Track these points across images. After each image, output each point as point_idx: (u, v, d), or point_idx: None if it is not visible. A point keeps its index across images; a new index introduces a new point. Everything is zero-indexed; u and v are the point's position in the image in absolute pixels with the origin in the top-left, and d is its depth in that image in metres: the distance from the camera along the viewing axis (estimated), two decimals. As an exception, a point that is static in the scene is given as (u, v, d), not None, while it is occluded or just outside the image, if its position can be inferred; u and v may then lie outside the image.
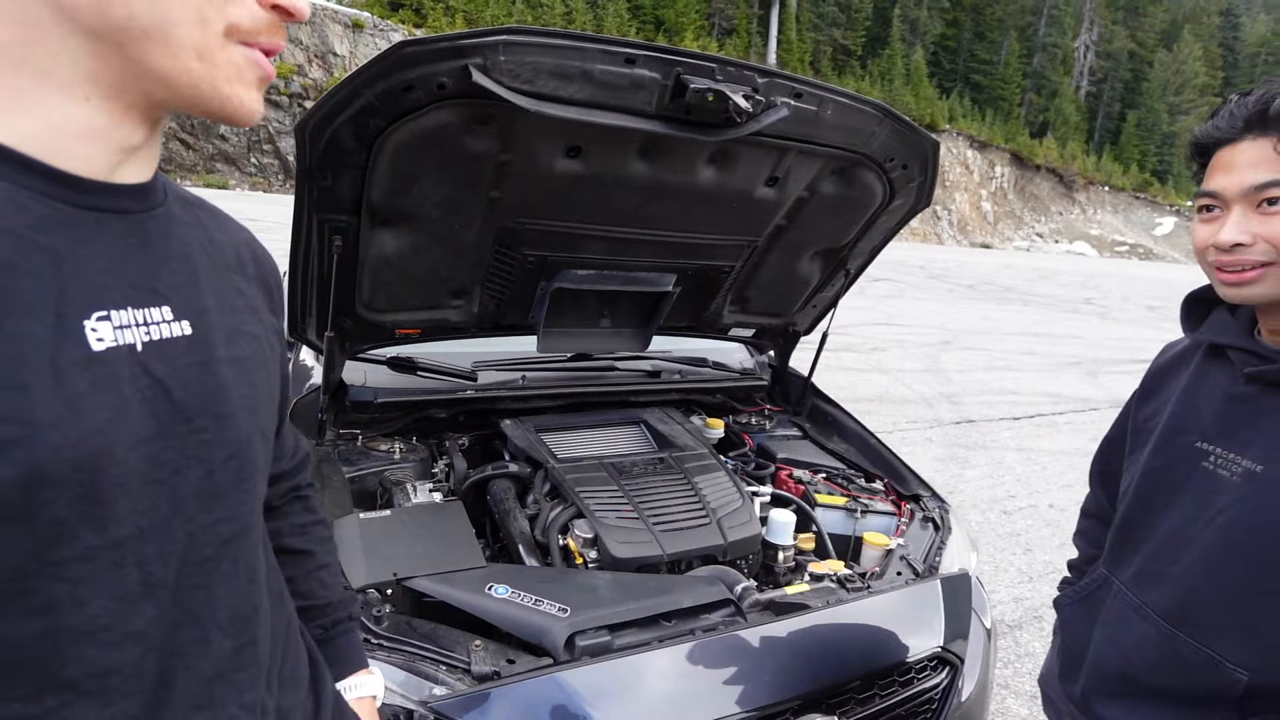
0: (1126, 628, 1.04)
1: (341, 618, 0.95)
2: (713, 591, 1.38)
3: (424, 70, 1.19)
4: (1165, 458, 1.04)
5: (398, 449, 1.77)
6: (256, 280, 0.70)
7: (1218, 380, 1.01)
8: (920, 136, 1.69)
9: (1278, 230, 0.86)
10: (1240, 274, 0.90)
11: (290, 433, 0.92)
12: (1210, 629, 0.94)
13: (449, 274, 1.67)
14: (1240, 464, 0.94)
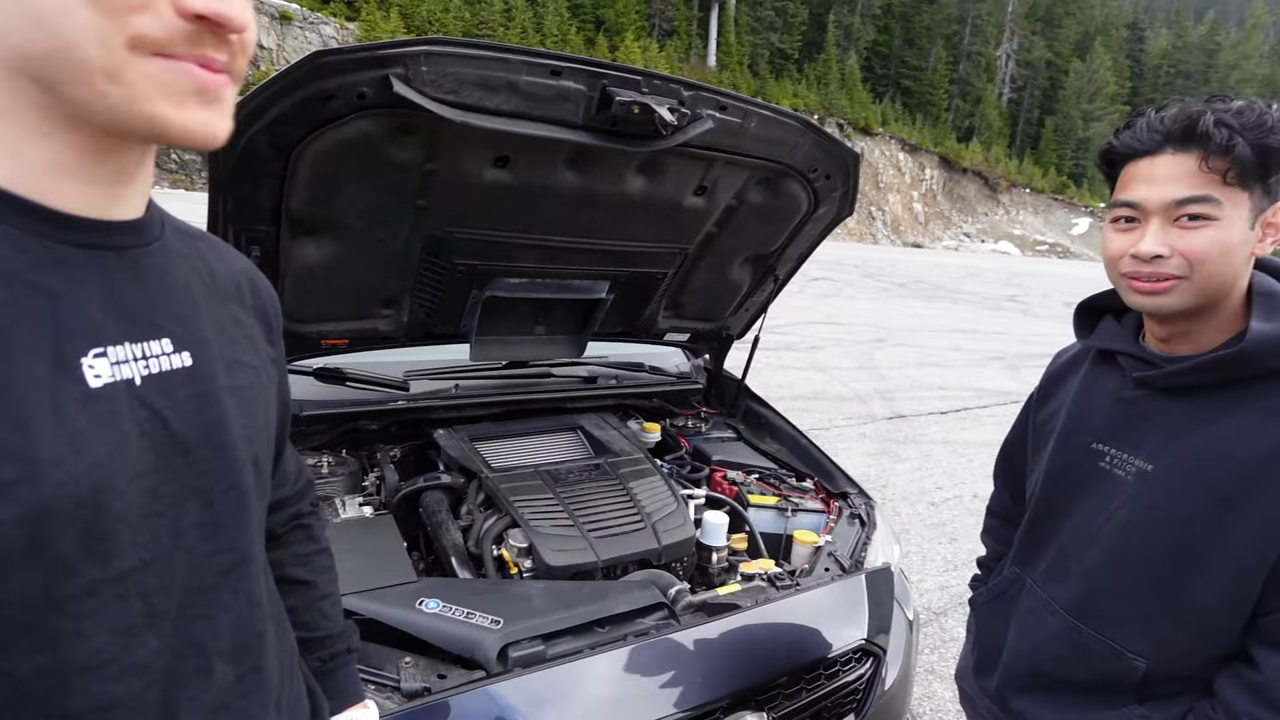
0: (1037, 624, 1.09)
1: (340, 650, 0.93)
2: (646, 596, 1.40)
3: (343, 80, 1.17)
4: (1065, 459, 1.09)
5: (325, 463, 1.73)
6: (254, 310, 0.71)
7: (1108, 384, 1.06)
8: (841, 149, 1.76)
9: (1195, 245, 0.88)
10: (1154, 284, 0.92)
11: (293, 458, 0.90)
12: (1111, 621, 1.00)
13: (377, 283, 1.64)
14: (1133, 464, 0.99)
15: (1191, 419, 0.94)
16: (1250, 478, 0.88)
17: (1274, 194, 0.87)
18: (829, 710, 1.42)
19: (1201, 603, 0.93)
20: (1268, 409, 0.89)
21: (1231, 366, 0.89)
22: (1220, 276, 0.89)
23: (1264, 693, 0.88)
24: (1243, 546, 0.89)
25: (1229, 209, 0.87)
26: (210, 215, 1.31)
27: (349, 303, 1.65)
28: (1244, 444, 0.89)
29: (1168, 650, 0.96)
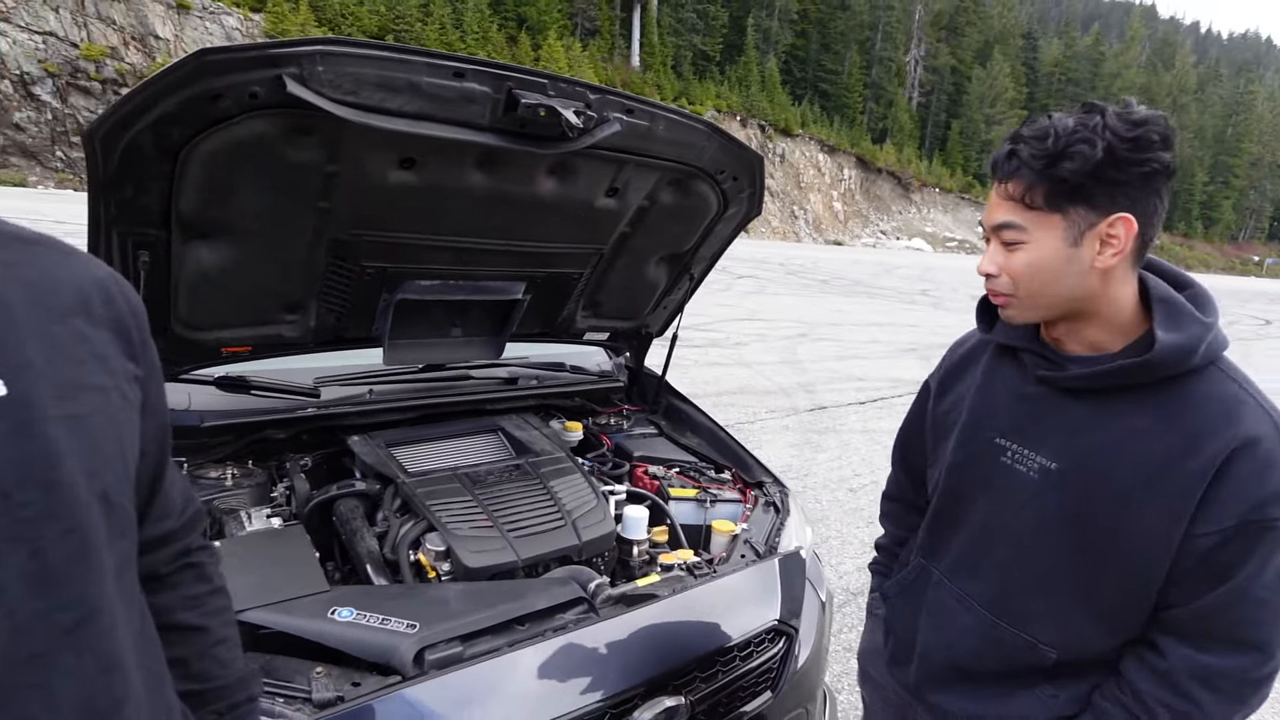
0: (951, 618, 1.14)
1: (240, 700, 0.86)
2: (566, 591, 1.42)
3: (232, 79, 1.13)
4: (967, 452, 1.12)
5: (230, 475, 1.66)
6: (108, 323, 0.64)
7: (1009, 378, 1.09)
8: (746, 152, 1.82)
9: (1011, 266, 0.95)
10: (999, 299, 1.00)
11: (178, 486, 0.82)
12: (1026, 616, 1.05)
13: (280, 288, 1.59)
14: (1036, 460, 1.02)
15: (1093, 419, 0.98)
16: (1149, 479, 0.92)
17: (1106, 208, 0.89)
18: (745, 690, 1.48)
19: (1108, 597, 0.99)
20: (1164, 413, 0.93)
21: (1136, 374, 0.93)
22: (1050, 292, 0.94)
23: (1168, 677, 0.95)
24: (1144, 544, 0.94)
25: (1036, 232, 0.92)
26: (91, 219, 1.24)
27: (250, 309, 1.60)
28: (1143, 446, 0.93)
29: (1076, 641, 1.02)
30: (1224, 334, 0.96)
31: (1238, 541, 0.89)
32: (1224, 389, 0.93)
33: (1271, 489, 0.88)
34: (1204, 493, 0.90)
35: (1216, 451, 0.89)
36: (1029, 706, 1.05)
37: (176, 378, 1.65)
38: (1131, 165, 0.87)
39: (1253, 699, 0.95)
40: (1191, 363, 0.92)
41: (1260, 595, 0.90)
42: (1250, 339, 15.67)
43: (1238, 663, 0.93)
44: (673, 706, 1.31)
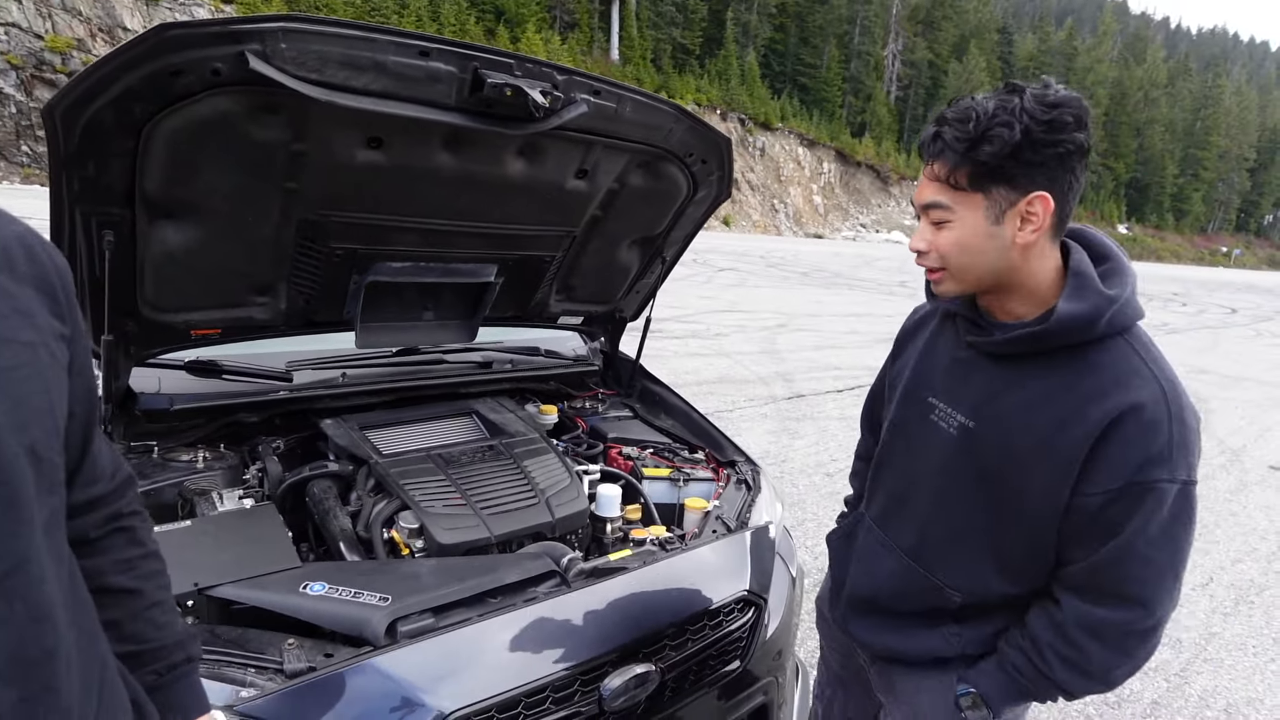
0: (877, 561, 1.22)
1: (179, 660, 0.87)
2: (538, 565, 1.45)
3: (194, 55, 1.13)
4: (905, 410, 1.21)
5: (201, 458, 1.66)
6: (30, 280, 0.63)
7: (948, 342, 1.17)
8: (713, 133, 1.85)
9: (939, 243, 1.01)
10: (931, 274, 1.07)
11: (106, 452, 0.82)
12: (937, 562, 1.14)
13: (248, 269, 1.59)
14: (956, 418, 1.10)
15: (1008, 382, 1.05)
16: (1047, 439, 0.99)
17: (1025, 186, 0.94)
18: (715, 657, 1.52)
19: (1012, 551, 1.07)
20: (1067, 378, 0.99)
21: (1040, 340, 1.00)
22: (975, 267, 1.00)
23: (1061, 628, 1.04)
24: (1040, 503, 1.01)
25: (961, 211, 0.97)
26: (53, 197, 1.24)
27: (219, 290, 1.59)
28: (1045, 408, 1.00)
29: (980, 587, 1.12)
30: (1136, 306, 1.01)
31: (1124, 502, 0.95)
32: (1123, 358, 0.98)
33: (1155, 452, 0.93)
34: (1090, 455, 0.95)
35: (1103, 416, 0.94)
36: (935, 643, 1.15)
37: (145, 361, 1.65)
38: (1047, 146, 0.91)
39: (1137, 651, 1.02)
40: (1095, 332, 0.97)
41: (1145, 553, 0.96)
42: (1218, 327, 16.06)
43: (1123, 616, 0.99)
44: (643, 673, 1.34)
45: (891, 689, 1.27)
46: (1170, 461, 0.94)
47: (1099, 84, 73.10)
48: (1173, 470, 0.94)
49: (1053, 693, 1.07)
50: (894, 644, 1.20)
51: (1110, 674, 1.03)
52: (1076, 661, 1.02)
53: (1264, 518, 4.61)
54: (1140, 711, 2.56)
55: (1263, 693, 2.75)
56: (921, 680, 1.19)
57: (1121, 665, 1.02)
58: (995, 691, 1.10)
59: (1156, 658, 2.89)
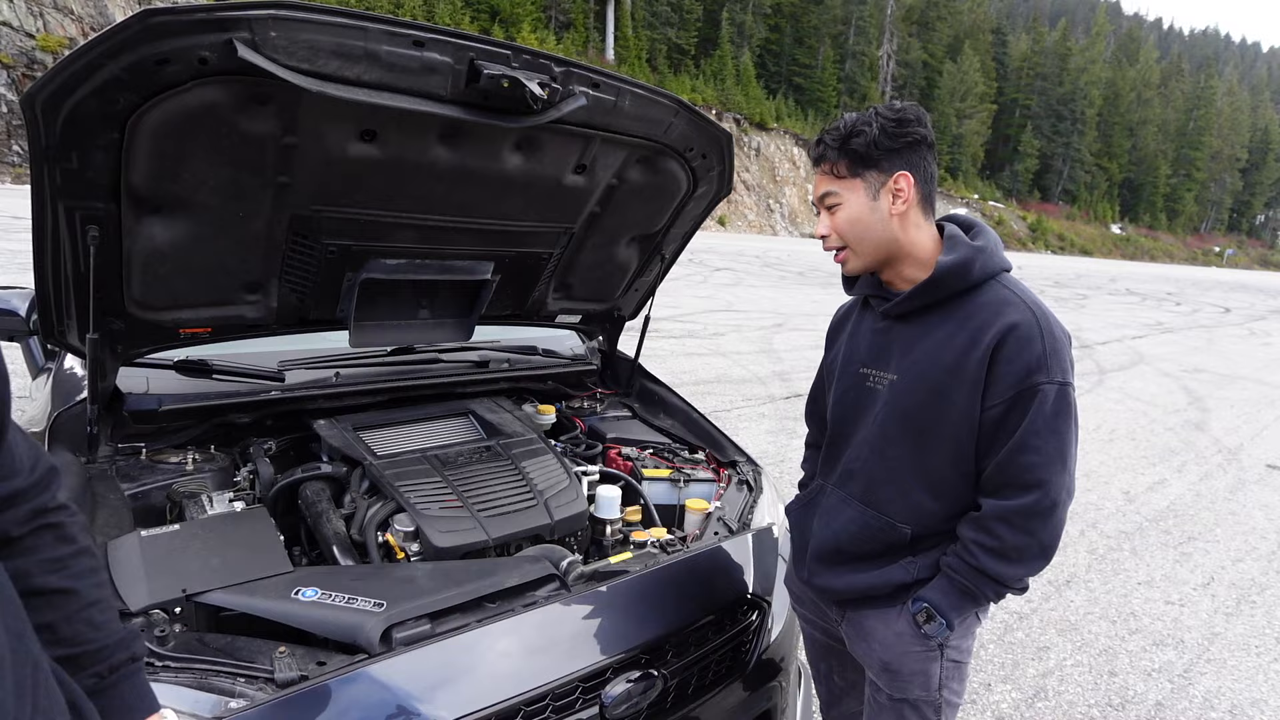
0: (837, 514, 1.38)
1: (121, 660, 0.83)
2: (537, 569, 1.41)
3: (179, 43, 1.10)
4: (844, 385, 1.40)
5: (190, 459, 1.62)
6: None
7: (869, 321, 1.38)
8: (714, 128, 1.82)
9: (835, 223, 1.27)
10: (837, 256, 1.31)
11: (24, 445, 0.79)
12: (885, 501, 1.31)
13: (238, 266, 1.55)
14: (886, 377, 1.31)
15: (917, 335, 1.27)
16: (952, 370, 1.20)
17: (889, 169, 1.21)
18: (718, 662, 1.48)
19: (936, 471, 1.26)
20: (959, 320, 1.22)
21: (931, 289, 1.24)
22: (869, 239, 1.25)
23: (980, 521, 1.22)
24: (955, 422, 1.21)
25: (846, 194, 1.25)
26: (34, 191, 1.20)
27: (208, 288, 1.55)
28: (948, 346, 1.22)
29: (924, 515, 1.28)
30: (1002, 258, 1.26)
31: (1016, 406, 1.17)
32: (999, 294, 1.22)
33: (1033, 361, 1.15)
34: (988, 373, 1.18)
35: (990, 340, 1.17)
36: (894, 573, 1.31)
37: (133, 361, 1.61)
38: (898, 137, 1.20)
39: (1041, 531, 1.18)
40: (971, 277, 1.22)
41: (1033, 443, 1.16)
42: (1212, 326, 16.11)
43: (1025, 500, 1.17)
44: (645, 679, 1.31)
45: (863, 633, 1.37)
46: (1047, 367, 1.15)
47: (1093, 84, 73.39)
48: (1049, 374, 1.15)
49: (985, 584, 1.21)
50: (860, 581, 1.34)
51: (1025, 555, 1.19)
52: (995, 548, 1.19)
53: (1263, 516, 4.61)
54: (1144, 714, 2.54)
55: (1267, 693, 2.73)
56: (886, 613, 1.33)
57: (1030, 545, 1.19)
58: (942, 599, 1.25)
59: (1160, 658, 2.87)
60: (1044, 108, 73.75)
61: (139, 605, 1.15)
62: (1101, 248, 71.25)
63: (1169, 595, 3.43)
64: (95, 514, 1.36)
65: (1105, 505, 4.55)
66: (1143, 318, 16.39)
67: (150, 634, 1.10)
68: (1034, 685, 2.63)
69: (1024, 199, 72.27)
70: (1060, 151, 74.73)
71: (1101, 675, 2.73)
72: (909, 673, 1.32)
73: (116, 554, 1.25)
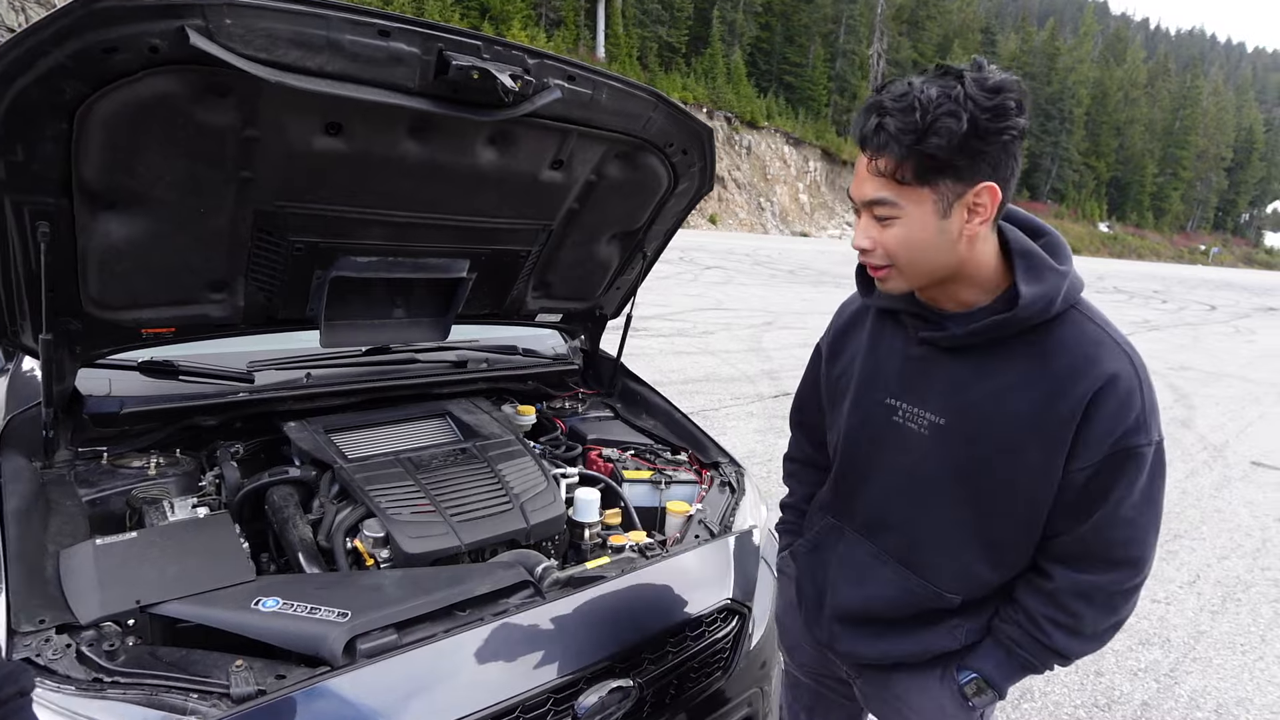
0: (870, 574, 1.17)
1: (9, 695, 0.79)
2: (510, 575, 1.37)
3: (127, 30, 1.05)
4: (862, 414, 1.16)
5: (154, 464, 1.57)
6: None
7: (894, 340, 1.13)
8: (694, 123, 1.78)
9: (886, 241, 0.96)
10: (876, 272, 1.02)
11: None
12: (931, 567, 1.11)
13: (202, 264, 1.50)
14: (925, 417, 1.07)
15: (972, 374, 1.02)
16: (1027, 425, 0.98)
17: (971, 178, 0.90)
18: (697, 670, 1.45)
19: (1001, 540, 1.06)
20: (1035, 361, 0.99)
21: (1007, 327, 0.98)
22: (925, 263, 0.96)
23: (1053, 596, 1.05)
24: (1028, 487, 1.00)
25: (908, 207, 0.92)
26: (-23, 185, 1.14)
27: (170, 286, 1.50)
28: (1019, 394, 0.99)
29: (977, 584, 1.10)
30: (1079, 277, 1.02)
31: (1108, 471, 0.97)
32: (1084, 331, 0.99)
33: (1134, 420, 0.96)
34: (1076, 431, 0.96)
35: (1083, 392, 0.95)
36: (937, 639, 1.13)
37: (93, 362, 1.56)
38: (993, 135, 0.88)
39: (1123, 608, 1.05)
40: (1054, 310, 0.98)
41: (1129, 515, 0.99)
42: (1198, 324, 16.24)
43: (1112, 578, 1.02)
44: (620, 689, 1.27)
45: (888, 696, 1.22)
46: (1146, 426, 0.97)
47: (1081, 84, 73.86)
48: (1149, 434, 0.97)
49: (1051, 660, 1.08)
50: (894, 649, 1.16)
51: (1100, 632, 1.06)
52: (1070, 626, 1.04)
53: (1248, 513, 4.62)
54: (1130, 714, 2.52)
55: (1252, 692, 2.73)
56: (925, 679, 1.16)
57: (1109, 621, 1.05)
58: (997, 670, 1.10)
59: (1145, 657, 2.86)
60: (1033, 107, 73.06)
61: (89, 617, 1.10)
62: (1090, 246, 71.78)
63: (1155, 594, 3.42)
64: (49, 521, 1.31)
65: (1092, 503, 4.56)
66: (1130, 316, 16.50)
67: (98, 648, 1.05)
68: (1020, 686, 2.61)
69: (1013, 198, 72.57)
70: (1049, 151, 75.21)
71: (1088, 675, 2.72)
72: None
73: (69, 563, 1.21)
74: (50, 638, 1.05)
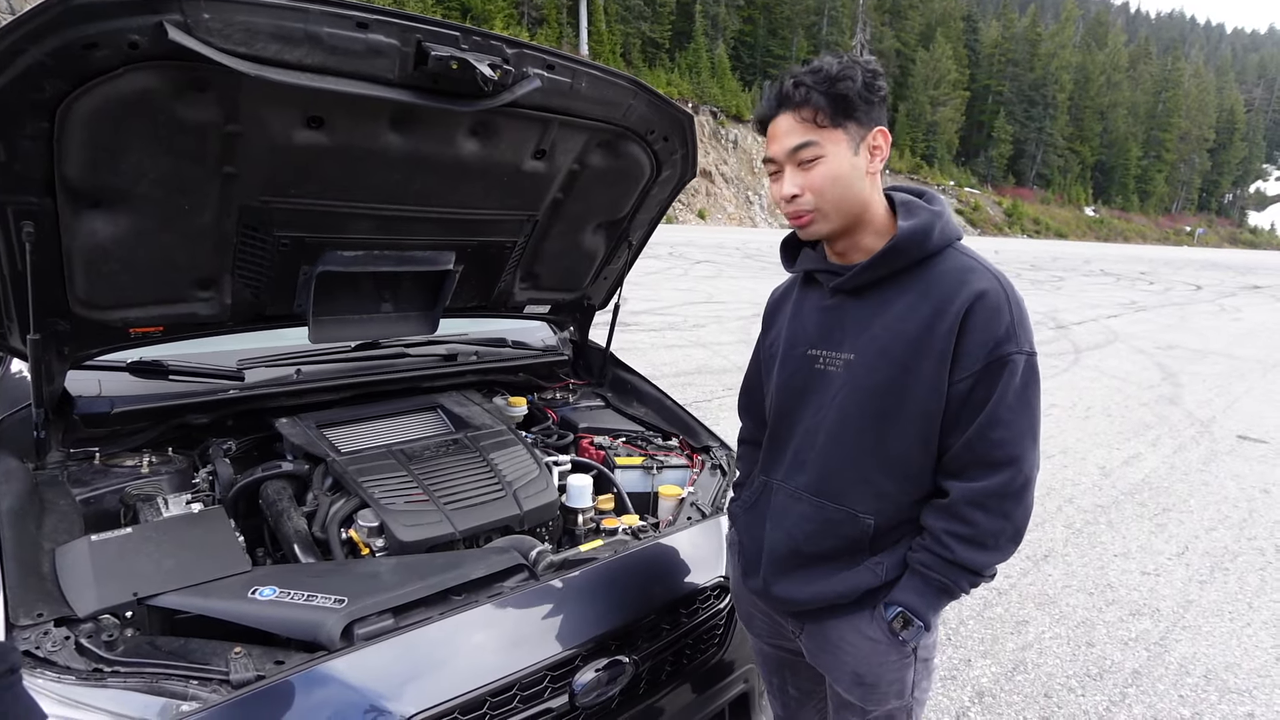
0: (788, 512, 1.25)
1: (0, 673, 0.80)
2: (505, 559, 1.39)
3: (106, 26, 1.05)
4: (788, 370, 1.28)
5: (146, 462, 1.58)
6: None
7: (813, 299, 1.27)
8: (674, 110, 1.79)
9: (813, 180, 1.12)
10: (801, 219, 1.16)
11: None
12: (844, 491, 1.19)
13: (188, 261, 1.50)
14: (840, 358, 1.20)
15: (873, 310, 1.17)
16: (917, 343, 1.11)
17: (868, 123, 1.11)
18: (691, 646, 1.47)
19: (901, 453, 1.15)
20: (920, 290, 1.13)
21: (891, 258, 1.14)
22: (846, 200, 1.13)
23: (950, 509, 1.13)
24: (923, 398, 1.12)
25: (829, 146, 1.10)
26: (-40, 184, 1.15)
27: (157, 285, 1.51)
28: (910, 318, 1.12)
29: (887, 502, 1.18)
30: (955, 223, 1.17)
31: (986, 379, 1.09)
32: (959, 261, 1.14)
33: (1004, 330, 1.08)
34: (955, 344, 1.09)
35: (958, 309, 1.09)
36: (860, 578, 1.19)
37: (82, 363, 1.56)
38: (876, 89, 1.10)
39: (1015, 512, 1.11)
40: (930, 244, 1.13)
41: (1006, 418, 1.08)
42: (1184, 303, 16.39)
43: (996, 479, 1.10)
44: (615, 666, 1.29)
45: (827, 645, 1.26)
46: (1016, 336, 1.08)
47: (1063, 69, 74.26)
48: (1019, 343, 1.08)
49: (961, 577, 1.13)
50: (823, 589, 1.22)
51: (1000, 539, 1.11)
52: (969, 536, 1.11)
53: (1235, 486, 4.69)
54: (1122, 681, 2.57)
55: (1240, 657, 2.78)
56: (855, 620, 1.21)
57: (1005, 528, 1.11)
58: (919, 599, 1.15)
59: (1136, 627, 2.90)
60: (1016, 93, 74.56)
61: (87, 610, 1.11)
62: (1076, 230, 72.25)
63: (1145, 566, 3.47)
64: (44, 521, 1.31)
65: (1082, 480, 4.61)
66: (1117, 297, 16.64)
67: (98, 639, 1.07)
68: (1013, 659, 2.65)
69: (999, 184, 73.09)
70: (1033, 136, 75.61)
71: (1080, 646, 2.76)
72: (886, 683, 1.21)
73: (65, 560, 1.22)
74: (49, 630, 1.06)
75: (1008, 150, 73.56)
